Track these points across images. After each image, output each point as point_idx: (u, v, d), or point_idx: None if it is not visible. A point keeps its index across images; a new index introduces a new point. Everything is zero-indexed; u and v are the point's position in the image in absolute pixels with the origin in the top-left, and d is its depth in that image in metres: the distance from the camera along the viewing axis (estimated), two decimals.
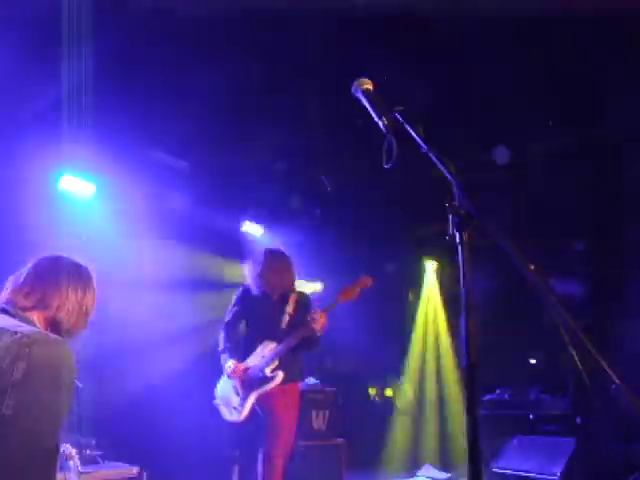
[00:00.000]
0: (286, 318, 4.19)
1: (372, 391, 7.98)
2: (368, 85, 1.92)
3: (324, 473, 5.44)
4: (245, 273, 4.43)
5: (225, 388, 4.26)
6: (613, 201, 6.32)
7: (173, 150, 6.04)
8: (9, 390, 1.51)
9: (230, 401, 4.18)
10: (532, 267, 1.47)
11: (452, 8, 3.94)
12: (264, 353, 4.10)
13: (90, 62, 4.33)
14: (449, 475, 6.52)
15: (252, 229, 7.34)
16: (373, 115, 1.85)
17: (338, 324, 4.54)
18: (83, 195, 5.58)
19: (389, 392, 8.05)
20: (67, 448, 3.04)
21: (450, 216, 1.61)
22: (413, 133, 1.74)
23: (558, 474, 4.68)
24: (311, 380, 5.85)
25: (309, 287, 7.38)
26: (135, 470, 4.45)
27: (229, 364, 4.15)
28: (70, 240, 5.13)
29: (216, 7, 4.03)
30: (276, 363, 4.05)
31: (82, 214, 5.60)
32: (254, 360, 4.13)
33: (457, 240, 1.60)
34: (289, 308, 4.21)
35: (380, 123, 1.82)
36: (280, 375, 3.99)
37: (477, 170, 5.67)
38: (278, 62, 4.66)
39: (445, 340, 8.23)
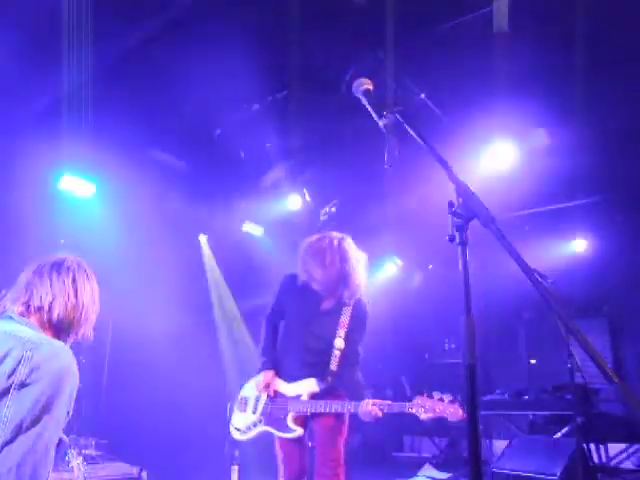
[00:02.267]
0: (337, 352, 3.28)
1: None
2: (368, 85, 1.92)
3: None
4: (301, 261, 3.40)
5: (249, 393, 3.49)
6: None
7: (173, 150, 6.04)
8: (11, 392, 1.56)
9: (245, 411, 3.45)
10: (532, 267, 1.47)
11: None
12: (300, 392, 3.27)
13: (90, 62, 4.33)
14: (449, 475, 6.51)
15: (252, 229, 7.35)
16: (373, 115, 1.85)
17: None
18: (83, 195, 5.58)
19: None
20: (72, 453, 3.03)
21: (450, 217, 1.61)
22: (414, 133, 1.75)
23: (558, 474, 4.68)
24: None
25: None
26: (135, 470, 4.45)
27: (261, 378, 3.38)
28: (70, 240, 5.13)
29: (216, 6, 4.05)
30: (305, 413, 3.25)
31: (82, 214, 5.60)
32: (288, 391, 3.32)
33: (457, 241, 1.60)
34: (342, 331, 3.32)
35: (380, 123, 1.82)
36: (300, 431, 3.22)
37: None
38: (279, 62, 4.67)
39: None
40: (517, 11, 4.02)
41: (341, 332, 3.32)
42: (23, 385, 1.58)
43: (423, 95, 5.14)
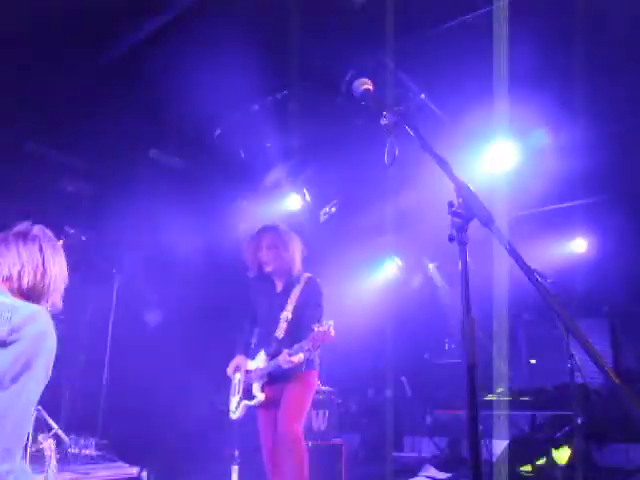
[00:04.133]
0: (284, 323, 3.72)
1: None
2: (368, 85, 1.92)
3: (324, 473, 5.44)
4: (243, 255, 3.98)
5: (235, 380, 3.94)
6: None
7: (173, 150, 6.04)
8: None
9: (234, 394, 3.90)
10: (532, 267, 1.47)
11: None
12: (258, 365, 3.77)
13: (90, 62, 4.34)
14: (449, 475, 6.51)
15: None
16: (373, 115, 1.85)
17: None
18: (86, 195, 5.57)
19: None
20: (45, 442, 2.90)
21: (450, 217, 1.61)
22: (413, 133, 1.75)
23: (558, 474, 4.69)
24: None
25: None
26: (135, 470, 4.44)
27: (233, 362, 3.90)
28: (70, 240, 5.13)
29: (216, 6, 4.05)
30: (264, 380, 3.71)
31: (82, 214, 5.60)
32: (252, 366, 3.82)
33: (457, 240, 1.60)
34: (290, 305, 3.75)
35: (380, 123, 1.82)
36: (261, 397, 3.68)
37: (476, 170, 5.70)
38: (279, 62, 4.66)
39: None
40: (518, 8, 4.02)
41: (289, 306, 3.75)
42: (3, 344, 1.65)
43: (423, 95, 5.14)
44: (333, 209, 7.12)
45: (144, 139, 5.60)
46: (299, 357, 3.47)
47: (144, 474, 4.45)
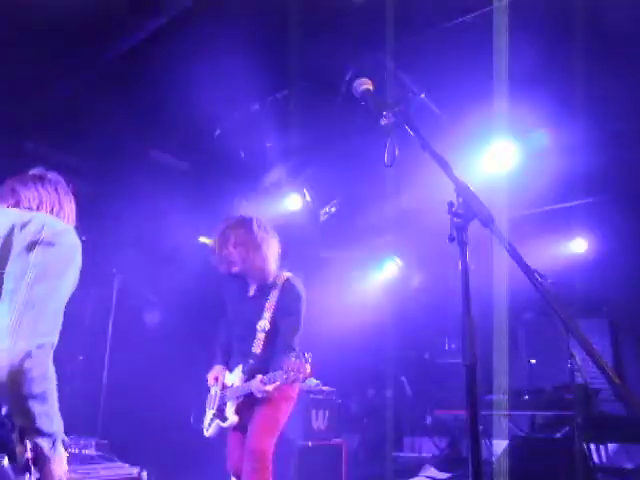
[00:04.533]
0: (261, 334, 3.30)
1: None
2: (368, 85, 1.92)
3: (324, 473, 5.44)
4: (211, 251, 3.53)
5: (211, 391, 3.63)
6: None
7: (173, 150, 6.04)
8: (39, 244, 1.77)
9: (208, 410, 3.60)
10: (532, 267, 1.47)
11: None
12: (233, 380, 3.41)
13: (90, 61, 4.34)
14: (449, 475, 6.51)
15: None
16: (373, 115, 1.85)
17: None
18: (86, 195, 5.56)
19: None
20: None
21: (450, 217, 1.61)
22: (414, 133, 1.75)
23: (558, 474, 4.69)
24: (312, 381, 5.84)
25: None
26: (135, 470, 4.44)
27: (212, 372, 3.58)
28: None
29: (216, 5, 4.05)
30: (239, 400, 3.35)
31: (82, 214, 5.59)
32: (229, 381, 3.46)
33: (457, 240, 1.61)
34: (267, 313, 3.32)
35: (380, 123, 1.82)
36: (234, 419, 3.33)
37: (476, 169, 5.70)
38: (279, 62, 4.67)
39: None
40: (518, 8, 4.02)
41: (267, 314, 3.31)
42: (48, 244, 1.78)
43: (423, 95, 5.14)
44: (333, 209, 7.12)
45: (145, 139, 5.61)
46: (274, 386, 3.07)
47: (144, 474, 4.44)
